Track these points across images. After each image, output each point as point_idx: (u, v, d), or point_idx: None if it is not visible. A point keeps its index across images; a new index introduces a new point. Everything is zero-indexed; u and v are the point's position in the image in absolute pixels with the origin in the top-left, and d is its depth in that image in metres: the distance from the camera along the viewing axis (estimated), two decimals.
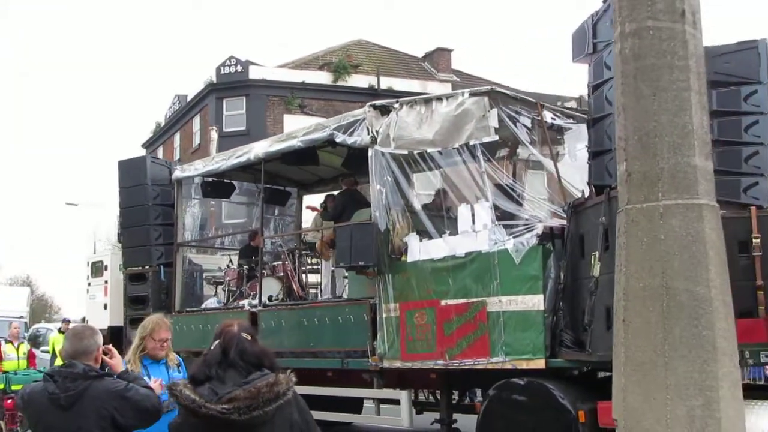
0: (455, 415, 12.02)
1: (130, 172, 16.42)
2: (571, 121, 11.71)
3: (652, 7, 5.39)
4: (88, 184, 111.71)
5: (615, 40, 5.67)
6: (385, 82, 39.26)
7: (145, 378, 6.33)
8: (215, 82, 38.46)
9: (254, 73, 38.31)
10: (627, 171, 5.47)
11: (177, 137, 42.81)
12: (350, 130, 12.33)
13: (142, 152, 48.90)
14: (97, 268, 18.34)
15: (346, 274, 14.33)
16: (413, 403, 11.99)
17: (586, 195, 10.52)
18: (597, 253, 9.51)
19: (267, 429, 4.12)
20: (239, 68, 38.35)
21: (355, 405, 14.27)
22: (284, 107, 38.51)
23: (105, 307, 17.57)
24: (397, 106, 11.82)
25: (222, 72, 38.39)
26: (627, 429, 5.26)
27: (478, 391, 13.51)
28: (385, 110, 12.01)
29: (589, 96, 10.33)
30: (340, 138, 12.50)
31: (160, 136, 45.82)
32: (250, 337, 4.35)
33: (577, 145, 11.91)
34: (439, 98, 11.46)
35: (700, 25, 5.55)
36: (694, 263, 5.17)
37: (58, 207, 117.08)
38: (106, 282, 17.70)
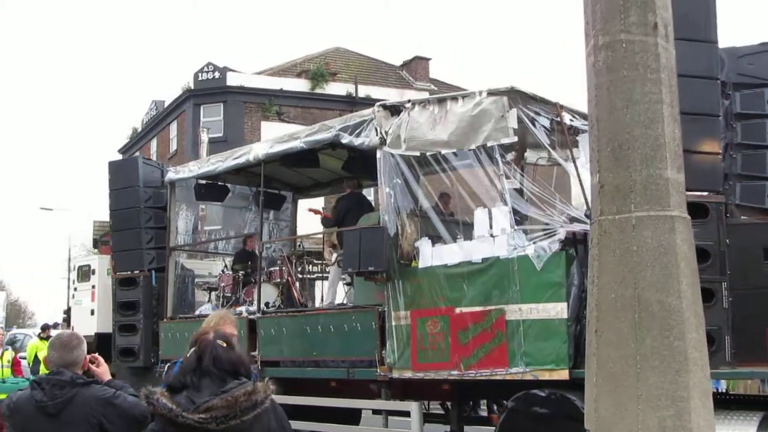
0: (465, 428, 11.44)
1: (120, 173, 15.63)
2: (587, 123, 11.08)
3: (625, 20, 5.36)
4: (62, 189, 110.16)
5: (588, 52, 5.60)
6: (363, 90, 38.80)
7: None
8: (193, 88, 37.98)
9: (232, 80, 37.81)
10: (600, 183, 5.40)
11: (154, 143, 42.04)
12: (357, 131, 11.69)
13: (118, 158, 48.13)
14: (83, 273, 17.43)
15: (348, 280, 13.72)
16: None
17: None
18: None
19: None
20: (217, 74, 37.82)
21: (353, 416, 13.60)
22: (262, 114, 37.95)
23: (92, 312, 16.65)
24: (408, 105, 11.19)
25: (200, 78, 37.89)
26: None
27: (487, 403, 12.98)
28: (395, 110, 11.39)
29: None
30: (346, 139, 11.85)
31: (137, 142, 45.01)
32: (225, 344, 4.18)
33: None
34: (454, 98, 10.82)
35: (672, 38, 5.54)
36: (666, 274, 5.13)
37: (31, 211, 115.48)
38: (93, 287, 16.79)
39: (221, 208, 16.93)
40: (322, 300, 14.31)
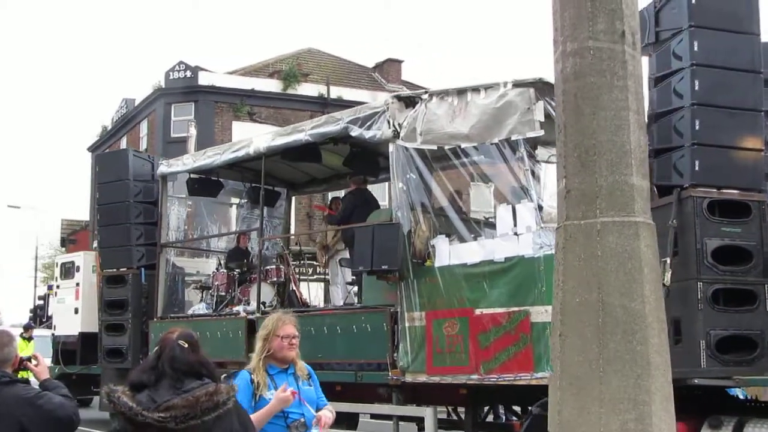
0: None
1: (109, 166, 14.75)
2: None
3: (593, 27, 5.29)
4: (30, 187, 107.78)
5: (557, 59, 5.52)
6: (335, 92, 38.12)
7: (272, 391, 5.66)
8: (164, 86, 37.07)
9: (203, 79, 36.95)
10: (566, 188, 5.34)
11: (123, 141, 40.89)
12: (368, 123, 11.00)
13: (88, 156, 47.07)
14: (67, 270, 16.43)
15: (349, 280, 13.01)
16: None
17: None
18: (668, 260, 8.31)
19: None
20: (188, 74, 36.94)
21: (350, 421, 12.86)
22: (233, 114, 37.15)
23: (76, 311, 15.67)
24: (426, 97, 10.51)
25: (171, 77, 36.99)
26: None
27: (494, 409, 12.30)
28: (410, 102, 10.71)
29: (650, 89, 9.16)
30: (356, 131, 11.14)
31: (107, 140, 43.83)
32: (187, 345, 4.15)
33: None
34: (475, 89, 10.14)
35: (639, 46, 5.48)
36: (630, 280, 5.09)
37: None
38: (77, 284, 15.80)
39: (208, 203, 16.06)
40: (326, 301, 13.50)
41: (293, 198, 16.30)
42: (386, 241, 10.38)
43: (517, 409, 11.61)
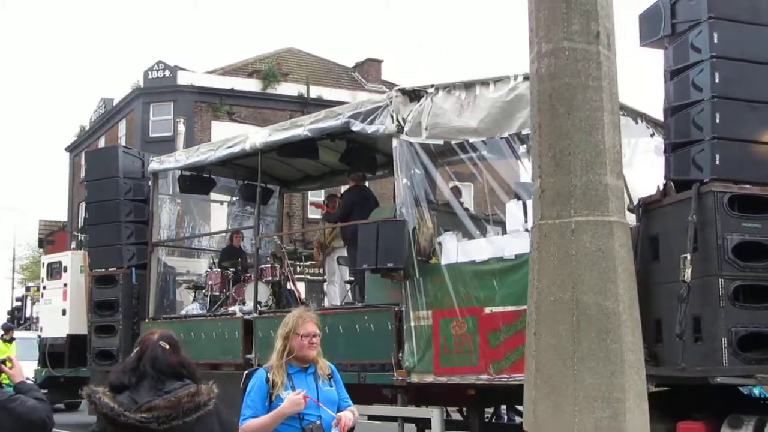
0: None
1: (98, 163, 14.29)
2: (622, 112, 10.15)
3: (568, 28, 5.30)
4: (6, 188, 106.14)
5: (532, 59, 5.53)
6: (315, 91, 37.75)
7: (288, 391, 5.35)
8: (142, 86, 36.59)
9: (182, 79, 36.48)
10: (541, 187, 5.38)
11: (102, 141, 40.24)
12: (370, 118, 10.64)
13: (66, 156, 46.37)
14: (53, 270, 15.84)
15: (347, 278, 12.64)
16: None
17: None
18: (688, 256, 8.03)
19: None
20: (167, 73, 36.53)
21: None
22: (212, 114, 36.71)
23: (64, 312, 15.09)
24: (431, 90, 10.16)
25: (150, 76, 36.58)
26: None
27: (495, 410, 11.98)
28: (415, 95, 10.37)
29: (666, 81, 8.89)
30: (357, 126, 10.78)
31: (85, 140, 43.17)
32: (168, 346, 4.11)
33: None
34: (484, 82, 9.80)
35: (614, 47, 5.48)
36: (604, 278, 5.13)
37: None
38: (65, 285, 15.23)
39: (198, 201, 15.63)
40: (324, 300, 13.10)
41: (285, 195, 15.79)
42: (391, 238, 10.03)
43: (521, 408, 11.28)
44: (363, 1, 79.43)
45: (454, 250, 9.92)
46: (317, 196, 25.69)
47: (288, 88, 37.70)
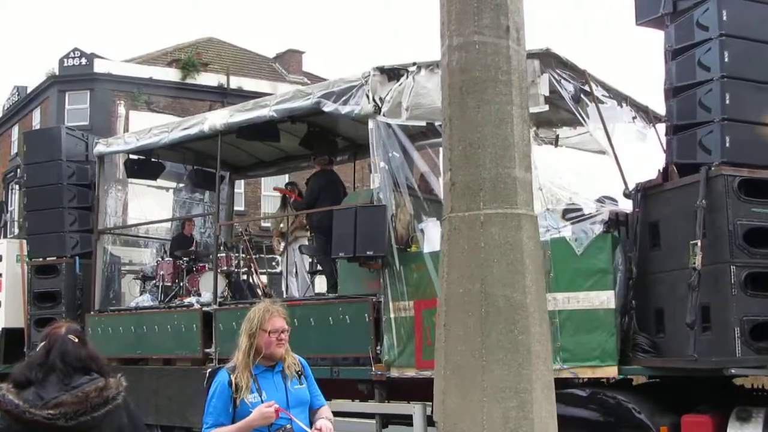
0: None
1: (39, 144, 13.11)
2: (607, 94, 9.69)
3: (479, 22, 5.28)
4: None
5: (443, 53, 5.48)
6: (235, 82, 36.55)
7: (254, 395, 4.94)
8: (58, 74, 34.71)
9: (99, 67, 34.75)
10: (451, 180, 5.34)
11: (15, 130, 38.30)
12: (344, 98, 9.89)
13: None
14: None
15: (312, 269, 11.88)
16: None
17: None
18: (699, 243, 7.56)
19: None
20: (84, 61, 34.77)
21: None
22: (130, 103, 35.21)
23: None
24: (413, 69, 9.45)
25: (65, 64, 34.71)
26: (446, 431, 5.16)
27: None
28: (394, 74, 9.64)
29: (667, 61, 8.42)
30: (329, 107, 10.02)
31: None
32: (77, 340, 3.97)
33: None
34: None
35: (524, 41, 5.47)
36: (512, 270, 5.12)
37: None
38: (0, 275, 14.18)
39: (141, 188, 14.58)
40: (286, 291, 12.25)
41: (236, 181, 14.86)
42: (371, 224, 9.30)
43: None
44: None
45: (437, 237, 9.25)
46: (276, 182, 24.77)
47: (208, 78, 36.44)
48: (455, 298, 5.17)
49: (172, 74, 36.32)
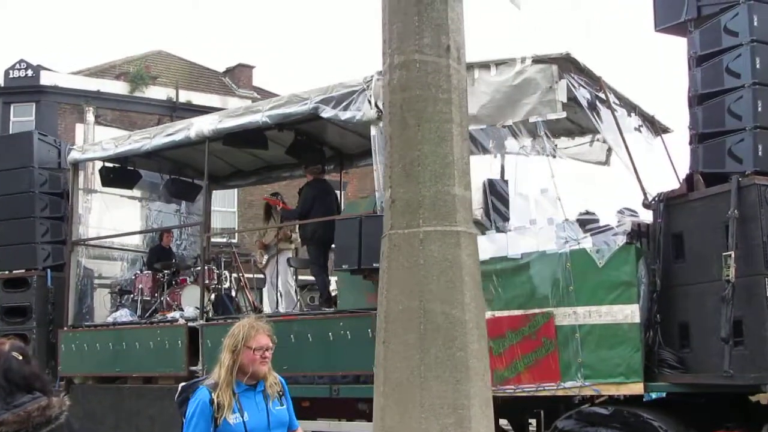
0: None
1: (9, 150, 12.23)
2: (618, 102, 9.30)
3: (420, 41, 5.29)
4: None
5: (384, 71, 5.50)
6: (184, 96, 35.79)
7: (236, 415, 4.70)
8: (3, 85, 33.59)
9: (46, 79, 33.77)
10: (391, 197, 5.33)
11: None
12: (344, 103, 9.32)
13: None
14: None
15: (298, 283, 11.27)
16: None
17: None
18: (732, 254, 7.18)
19: None
20: (30, 72, 33.73)
21: None
22: (77, 116, 34.23)
23: None
24: None
25: (11, 76, 33.67)
26: None
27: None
28: None
29: (691, 68, 8.06)
30: (328, 113, 9.45)
31: None
32: (21, 357, 3.90)
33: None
34: (484, 65, 8.61)
35: (464, 60, 5.48)
36: (451, 287, 5.10)
37: None
38: None
39: (108, 198, 13.78)
40: (277, 305, 11.54)
41: (213, 192, 14.09)
42: (377, 235, 8.71)
43: (503, 422, 10.22)
44: (234, 7, 76.94)
45: None
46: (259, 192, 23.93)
47: (156, 92, 35.61)
48: (395, 314, 5.13)
49: (120, 87, 35.40)
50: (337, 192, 11.94)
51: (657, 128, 10.07)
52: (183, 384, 5.09)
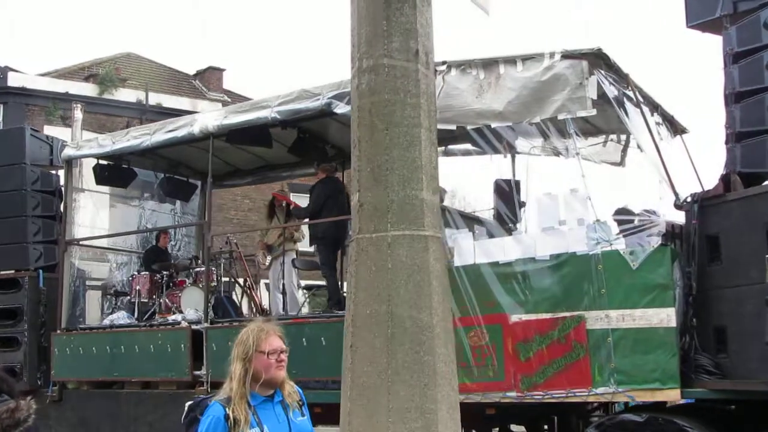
0: None
1: (1, 146, 11.69)
2: (642, 101, 8.96)
3: (389, 45, 5.25)
4: None
5: (353, 75, 5.46)
6: (154, 98, 35.07)
7: (255, 430, 4.29)
8: None
9: (13, 80, 32.80)
10: (359, 201, 5.27)
11: None
12: None
13: None
14: None
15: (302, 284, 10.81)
16: None
17: None
18: None
19: None
20: None
21: None
22: (45, 118, 33.35)
23: None
24: (443, 68, 8.52)
25: None
26: None
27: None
28: None
29: (727, 65, 7.77)
30: (342, 108, 8.98)
31: None
32: None
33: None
34: (509, 61, 8.25)
35: (433, 65, 5.48)
36: (419, 291, 5.07)
37: None
38: None
39: (96, 196, 13.19)
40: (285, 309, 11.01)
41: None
42: None
43: (520, 428, 9.86)
44: (204, 9, 75.81)
45: (470, 250, 8.35)
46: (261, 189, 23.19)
47: (126, 94, 34.85)
48: (362, 318, 5.09)
49: (89, 89, 34.59)
50: None
51: (676, 128, 9.78)
52: (189, 403, 4.70)
